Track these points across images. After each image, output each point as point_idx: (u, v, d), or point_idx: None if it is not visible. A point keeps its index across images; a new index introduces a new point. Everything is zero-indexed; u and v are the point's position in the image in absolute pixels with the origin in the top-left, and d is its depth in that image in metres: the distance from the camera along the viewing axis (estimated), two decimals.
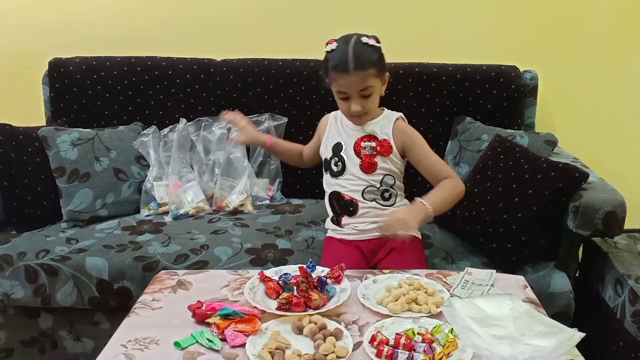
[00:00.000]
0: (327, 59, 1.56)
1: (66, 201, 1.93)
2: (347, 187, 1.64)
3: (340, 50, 1.51)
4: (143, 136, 2.13)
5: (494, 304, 1.19)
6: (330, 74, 1.53)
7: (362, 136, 1.63)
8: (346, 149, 1.64)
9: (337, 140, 1.67)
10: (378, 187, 1.62)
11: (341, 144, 1.66)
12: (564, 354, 1.05)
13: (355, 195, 1.63)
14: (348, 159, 1.63)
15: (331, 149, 1.67)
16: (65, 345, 1.85)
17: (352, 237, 1.65)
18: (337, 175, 1.65)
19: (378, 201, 1.62)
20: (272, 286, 1.27)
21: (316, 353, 1.06)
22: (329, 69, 1.54)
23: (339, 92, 1.55)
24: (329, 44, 1.55)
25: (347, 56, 1.49)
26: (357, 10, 2.29)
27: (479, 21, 2.28)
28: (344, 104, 1.57)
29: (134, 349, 1.10)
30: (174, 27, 2.36)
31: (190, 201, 2.05)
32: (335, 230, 1.69)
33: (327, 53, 1.56)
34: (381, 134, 1.63)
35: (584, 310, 1.75)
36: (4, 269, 1.73)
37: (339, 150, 1.66)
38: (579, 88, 2.31)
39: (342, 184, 1.65)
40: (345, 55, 1.49)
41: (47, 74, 2.23)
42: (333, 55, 1.53)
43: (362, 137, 1.63)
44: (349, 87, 1.52)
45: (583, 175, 1.64)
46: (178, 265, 1.70)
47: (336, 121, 1.70)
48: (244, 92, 2.20)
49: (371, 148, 1.61)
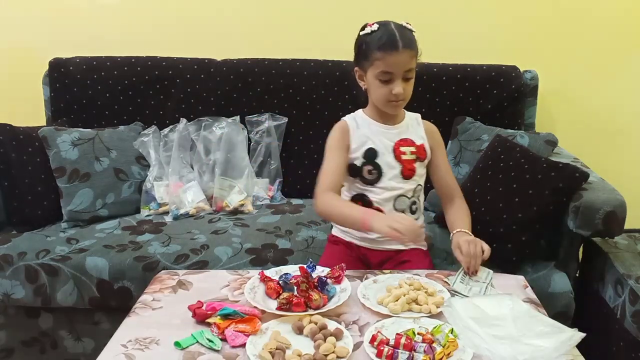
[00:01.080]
0: (366, 41, 1.46)
1: (66, 201, 1.93)
2: (379, 194, 1.54)
3: (385, 30, 1.44)
4: (143, 136, 2.14)
5: (494, 304, 1.20)
6: (375, 53, 1.44)
7: (399, 140, 1.55)
8: (383, 155, 1.54)
9: (369, 145, 1.54)
10: (410, 196, 1.56)
11: (375, 150, 1.54)
12: (564, 354, 1.05)
13: (387, 204, 1.53)
14: (385, 166, 1.53)
15: (362, 155, 1.54)
16: (66, 345, 1.85)
17: (363, 243, 1.58)
18: (371, 183, 1.54)
19: (406, 213, 1.55)
20: (272, 286, 1.27)
21: (316, 353, 1.05)
22: (371, 50, 1.45)
23: (384, 72, 1.44)
24: (368, 27, 1.47)
25: (394, 35, 1.43)
26: (357, 11, 2.28)
27: (479, 21, 2.28)
28: (385, 87, 1.46)
29: (134, 349, 1.10)
30: (174, 27, 2.36)
31: (190, 201, 2.05)
32: (347, 232, 1.62)
33: (365, 36, 1.47)
34: (417, 137, 1.57)
35: (584, 310, 1.74)
36: (5, 269, 1.73)
37: (374, 157, 1.54)
38: (579, 88, 2.32)
39: (374, 191, 1.54)
40: (392, 34, 1.43)
41: (47, 74, 2.24)
42: (376, 35, 1.44)
43: (399, 141, 1.55)
44: (397, 66, 1.43)
45: (583, 175, 1.64)
46: (178, 265, 1.70)
47: (357, 125, 1.57)
48: (244, 92, 2.20)
49: (411, 153, 1.55)
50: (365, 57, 1.47)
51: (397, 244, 1.54)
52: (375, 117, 1.57)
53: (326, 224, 1.93)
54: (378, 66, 1.45)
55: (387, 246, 1.56)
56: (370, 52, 1.45)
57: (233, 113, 2.19)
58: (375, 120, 1.57)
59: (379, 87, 1.48)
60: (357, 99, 2.13)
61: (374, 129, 1.56)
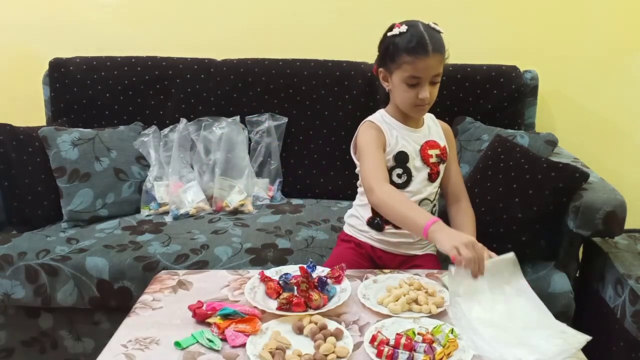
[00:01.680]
0: (394, 43, 1.41)
1: (66, 201, 1.93)
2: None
3: (415, 33, 1.40)
4: (143, 136, 2.14)
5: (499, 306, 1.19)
6: (403, 57, 1.40)
7: (425, 143, 1.52)
8: (413, 159, 1.50)
9: (400, 148, 1.50)
10: (432, 199, 1.53)
11: (406, 154, 1.50)
12: (568, 357, 1.05)
13: None
14: (415, 170, 1.50)
15: (393, 158, 1.50)
16: (66, 345, 1.85)
17: (381, 245, 1.55)
18: (400, 187, 1.49)
19: None
20: (272, 286, 1.27)
21: (316, 353, 1.05)
22: (399, 53, 1.40)
23: (412, 77, 1.41)
24: (396, 27, 1.42)
25: (424, 38, 1.39)
26: (357, 11, 2.29)
27: (479, 21, 2.28)
28: (411, 91, 1.43)
29: (134, 349, 1.10)
30: (174, 27, 2.37)
31: (190, 201, 2.05)
32: (362, 233, 1.57)
33: (393, 37, 1.42)
34: (439, 139, 1.55)
35: (584, 310, 1.75)
36: (5, 269, 1.73)
37: (405, 161, 1.50)
38: (579, 88, 2.32)
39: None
40: (422, 37, 1.39)
41: (47, 74, 2.24)
42: (404, 38, 1.40)
43: (425, 144, 1.52)
44: (426, 70, 1.40)
45: (583, 175, 1.64)
46: (178, 265, 1.70)
47: (385, 123, 1.52)
48: (244, 92, 2.20)
49: (437, 156, 1.52)
50: (392, 59, 1.43)
51: (414, 249, 1.54)
52: (399, 118, 1.53)
53: (326, 224, 1.93)
54: (406, 70, 1.41)
55: (402, 250, 1.55)
56: (398, 55, 1.41)
57: (233, 113, 2.19)
58: (400, 122, 1.52)
59: (405, 91, 1.44)
60: (358, 98, 2.15)
61: (402, 131, 1.52)
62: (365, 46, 1.56)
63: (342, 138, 2.13)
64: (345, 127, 2.10)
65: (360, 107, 2.11)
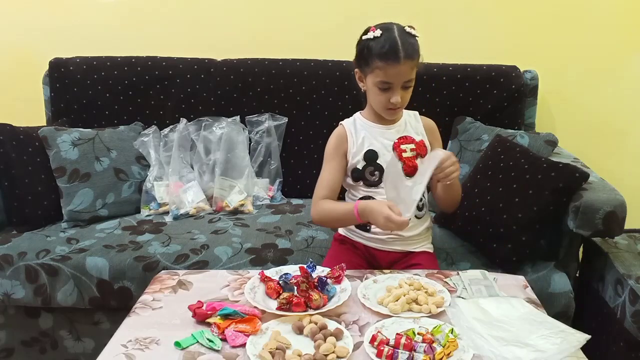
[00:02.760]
0: (368, 47, 1.44)
1: (66, 201, 1.93)
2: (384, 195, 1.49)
3: (388, 38, 1.41)
4: (143, 136, 2.14)
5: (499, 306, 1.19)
6: (375, 62, 1.42)
7: (398, 138, 1.54)
8: (383, 155, 1.53)
9: (369, 147, 1.54)
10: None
11: (375, 151, 1.54)
12: (568, 357, 1.05)
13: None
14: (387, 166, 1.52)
15: (363, 157, 1.54)
16: (66, 345, 1.85)
17: (372, 244, 1.57)
18: (375, 185, 1.53)
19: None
20: (272, 286, 1.27)
21: (316, 353, 1.06)
22: (372, 58, 1.43)
23: (383, 82, 1.44)
24: (370, 32, 1.44)
25: (397, 45, 1.40)
26: (357, 11, 2.29)
27: (479, 21, 2.28)
28: (383, 95, 1.46)
29: (134, 349, 1.10)
30: (174, 27, 2.36)
31: (190, 201, 2.05)
32: (354, 233, 1.60)
33: (367, 41, 1.44)
34: (416, 134, 1.57)
35: (584, 310, 1.75)
36: (5, 269, 1.73)
37: (374, 158, 1.53)
38: (579, 88, 2.31)
39: (379, 192, 1.52)
40: (395, 44, 1.40)
41: (47, 74, 2.23)
42: (378, 43, 1.42)
43: (399, 140, 1.54)
44: (397, 77, 1.43)
45: (583, 175, 1.64)
46: (178, 265, 1.70)
47: (355, 128, 1.57)
48: (244, 92, 2.20)
49: (411, 150, 1.53)
50: (366, 62, 1.46)
51: (408, 245, 1.56)
52: (373, 119, 1.57)
53: None
54: (378, 75, 1.44)
55: (396, 247, 1.56)
56: (371, 59, 1.44)
57: (233, 113, 2.19)
58: (373, 122, 1.57)
59: (377, 94, 1.48)
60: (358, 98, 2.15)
61: (372, 130, 1.56)
62: None
63: None
64: None
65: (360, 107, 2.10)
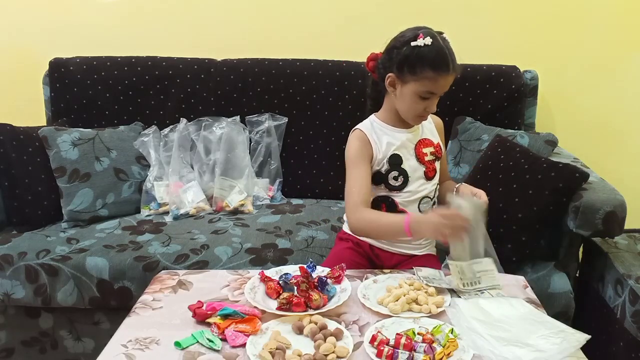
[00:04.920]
0: (419, 54, 1.37)
1: (66, 201, 1.93)
2: (405, 198, 1.50)
3: (439, 48, 1.37)
4: (143, 136, 2.14)
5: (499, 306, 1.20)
6: (426, 72, 1.37)
7: (419, 142, 1.52)
8: (407, 160, 1.50)
9: (393, 151, 1.49)
10: (432, 196, 1.54)
11: (399, 156, 1.49)
12: (568, 357, 1.05)
13: (411, 206, 1.51)
14: (411, 170, 1.50)
15: (387, 162, 1.49)
16: (66, 345, 1.85)
17: (378, 244, 1.55)
18: (398, 189, 1.50)
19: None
20: (272, 286, 1.27)
21: (316, 353, 1.06)
22: (422, 66, 1.37)
23: (428, 92, 1.40)
24: (420, 38, 1.36)
25: (447, 55, 1.37)
26: (358, 11, 2.29)
27: (479, 21, 2.28)
28: (421, 103, 1.42)
29: (134, 349, 1.10)
30: (174, 27, 2.37)
31: (190, 201, 2.05)
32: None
33: (416, 47, 1.37)
34: (432, 136, 1.56)
35: (584, 310, 1.75)
36: (5, 269, 1.73)
37: (399, 163, 1.49)
38: (579, 88, 2.32)
39: (400, 195, 1.50)
40: (445, 54, 1.37)
41: (47, 74, 2.24)
42: (430, 51, 1.36)
43: (420, 143, 1.52)
44: (443, 87, 1.41)
45: (583, 175, 1.64)
46: (178, 265, 1.70)
47: (376, 133, 1.51)
48: (244, 92, 2.20)
49: (431, 153, 1.53)
50: (412, 70, 1.39)
51: (412, 248, 1.55)
52: (392, 122, 1.52)
53: (326, 224, 1.93)
54: (425, 85, 1.39)
55: (402, 249, 1.55)
56: (420, 68, 1.38)
57: (233, 113, 2.19)
58: (393, 126, 1.52)
59: (415, 102, 1.43)
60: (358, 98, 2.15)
61: (394, 135, 1.51)
62: (365, 46, 1.55)
63: (342, 138, 2.10)
64: (345, 127, 2.08)
65: (360, 107, 2.09)
